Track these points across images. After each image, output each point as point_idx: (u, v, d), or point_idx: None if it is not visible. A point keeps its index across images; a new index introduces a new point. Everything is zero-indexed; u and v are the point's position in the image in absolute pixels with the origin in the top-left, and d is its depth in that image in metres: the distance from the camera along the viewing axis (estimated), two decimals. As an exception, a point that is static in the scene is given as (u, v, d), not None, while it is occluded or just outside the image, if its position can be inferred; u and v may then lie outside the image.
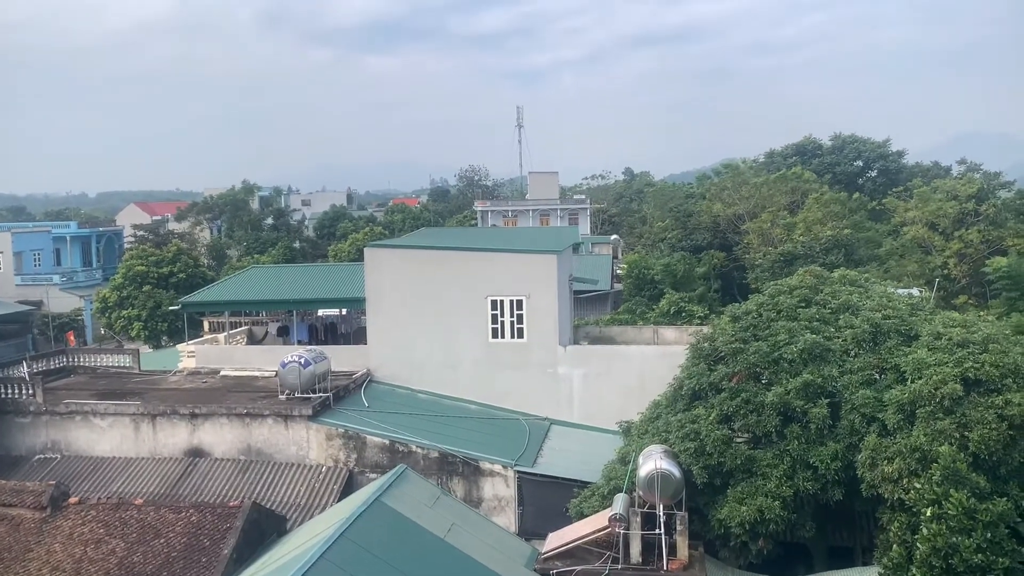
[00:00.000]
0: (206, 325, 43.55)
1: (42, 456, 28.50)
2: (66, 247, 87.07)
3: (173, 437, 27.95)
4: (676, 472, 18.17)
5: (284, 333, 39.88)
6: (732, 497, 18.31)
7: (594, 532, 18.63)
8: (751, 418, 19.03)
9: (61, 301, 72.72)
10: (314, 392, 28.59)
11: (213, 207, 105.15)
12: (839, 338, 19.89)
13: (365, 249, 34.43)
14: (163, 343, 57.83)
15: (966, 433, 16.10)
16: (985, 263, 43.41)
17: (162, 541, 18.80)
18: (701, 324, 35.25)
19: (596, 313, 49.47)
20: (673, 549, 17.97)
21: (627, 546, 18.03)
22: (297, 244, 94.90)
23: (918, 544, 15.24)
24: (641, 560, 17.97)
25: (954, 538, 14.71)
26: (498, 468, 26.32)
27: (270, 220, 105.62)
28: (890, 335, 19.65)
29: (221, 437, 27.68)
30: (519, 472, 26.06)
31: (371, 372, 32.23)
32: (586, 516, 20.25)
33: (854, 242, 55.39)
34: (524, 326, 31.18)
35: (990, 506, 14.78)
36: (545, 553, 18.97)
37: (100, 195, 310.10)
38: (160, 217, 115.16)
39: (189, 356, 35.11)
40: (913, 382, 17.35)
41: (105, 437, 28.34)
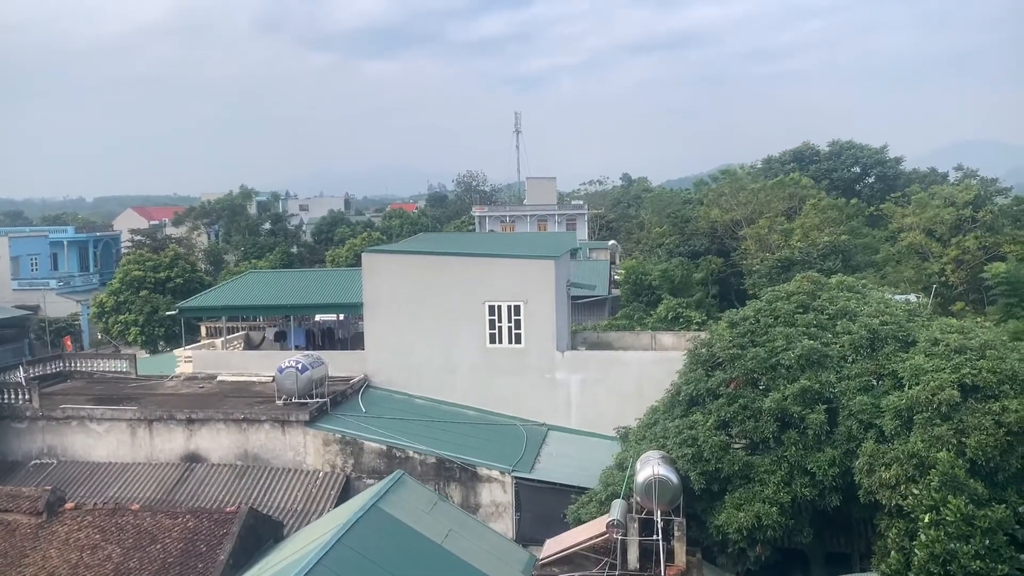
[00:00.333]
0: (203, 330, 43.51)
1: (38, 461, 28.44)
2: (63, 252, 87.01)
3: (170, 442, 27.90)
4: (674, 478, 18.14)
5: (281, 338, 39.86)
6: (730, 503, 18.29)
7: (592, 538, 18.59)
8: (749, 424, 19.01)
9: (58, 306, 72.56)
10: (311, 397, 28.55)
11: (211, 212, 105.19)
12: (837, 344, 19.89)
13: (363, 254, 34.46)
14: (160, 348, 57.74)
15: (963, 439, 16.08)
16: (983, 269, 43.49)
17: (158, 547, 18.75)
18: (699, 330, 35.28)
19: (594, 319, 49.45)
20: (671, 555, 17.92)
21: (625, 552, 17.99)
22: (295, 249, 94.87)
23: (916, 550, 15.24)
24: (639, 566, 17.92)
25: (952, 544, 14.71)
26: (495, 474, 26.29)
27: (268, 225, 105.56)
28: (887, 341, 19.65)
29: (218, 442, 27.64)
30: (516, 478, 26.04)
31: (368, 377, 32.21)
32: (584, 522, 20.21)
33: (851, 248, 55.55)
34: (522, 331, 31.18)
35: (989, 513, 14.78)
36: (543, 559, 18.94)
37: (97, 199, 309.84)
38: (157, 222, 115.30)
39: (186, 361, 35.11)
40: (910, 388, 17.33)
41: (101, 442, 28.29)
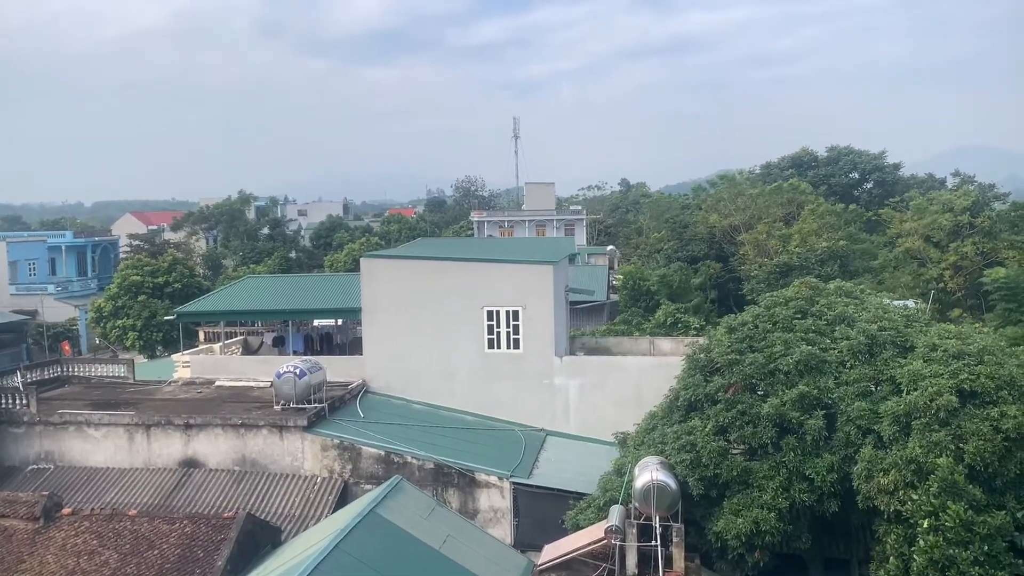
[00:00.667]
0: (201, 335, 43.53)
1: (35, 466, 28.35)
2: (61, 257, 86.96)
3: (167, 448, 27.83)
4: (672, 484, 18.13)
5: (280, 343, 39.82)
6: (728, 509, 18.28)
7: (590, 544, 18.57)
8: (747, 430, 19.01)
9: (56, 311, 72.51)
10: (309, 403, 28.50)
11: (209, 217, 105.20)
12: (835, 350, 19.91)
13: (361, 259, 34.43)
14: (158, 353, 57.67)
15: (962, 445, 16.09)
16: (982, 274, 43.51)
17: (156, 552, 18.70)
18: (697, 335, 35.24)
19: (592, 324, 49.46)
20: (669, 561, 17.90)
21: (623, 558, 17.96)
22: (293, 254, 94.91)
23: (915, 556, 15.24)
24: (637, 572, 17.90)
25: (951, 550, 14.71)
26: (494, 479, 26.25)
27: (266, 230, 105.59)
28: (886, 347, 19.67)
29: (216, 448, 27.58)
30: (515, 483, 25.99)
31: (367, 383, 32.16)
32: (582, 528, 20.19)
33: (849, 254, 55.58)
34: (520, 337, 31.15)
35: (988, 519, 14.78)
36: (541, 565, 18.91)
37: (96, 204, 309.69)
38: (156, 227, 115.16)
39: (184, 366, 35.04)
40: (908, 394, 17.35)
41: (99, 447, 28.22)
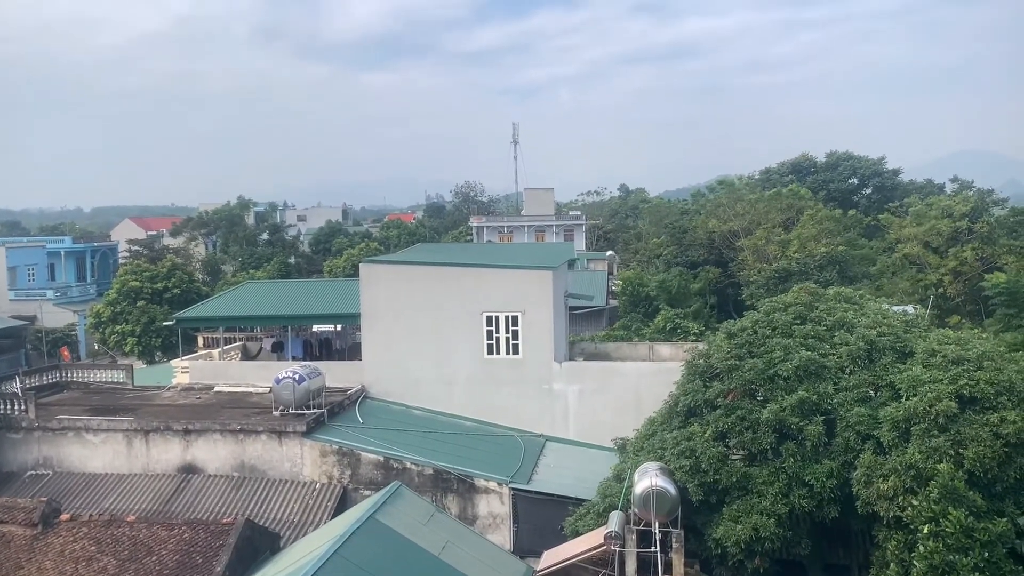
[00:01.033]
0: (200, 341, 43.45)
1: (34, 472, 28.32)
2: (60, 262, 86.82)
3: (166, 453, 27.80)
4: (672, 489, 18.12)
5: (279, 349, 39.79)
6: (727, 515, 18.25)
7: (589, 550, 18.55)
8: (747, 435, 19.00)
9: (55, 316, 72.44)
10: (308, 408, 28.47)
11: (208, 222, 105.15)
12: (834, 355, 19.90)
13: (360, 265, 34.43)
14: (157, 359, 57.60)
15: (961, 451, 16.08)
16: (983, 279, 43.48)
17: (154, 558, 18.64)
18: (697, 341, 35.24)
19: (592, 329, 49.43)
20: (669, 567, 17.88)
21: (623, 564, 17.94)
22: (292, 260, 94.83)
23: (915, 562, 15.21)
24: (637, 578, 17.89)
25: (951, 556, 14.68)
26: (493, 485, 26.21)
27: (265, 235, 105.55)
28: (885, 352, 19.66)
29: (215, 453, 27.54)
30: (514, 489, 25.95)
31: (366, 388, 32.14)
32: (581, 534, 20.16)
33: (848, 259, 55.60)
34: (519, 342, 31.14)
35: (989, 526, 14.75)
36: (540, 571, 18.89)
37: (95, 210, 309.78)
38: (155, 232, 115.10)
39: (183, 372, 35.02)
40: (908, 399, 17.34)
41: (98, 453, 28.18)
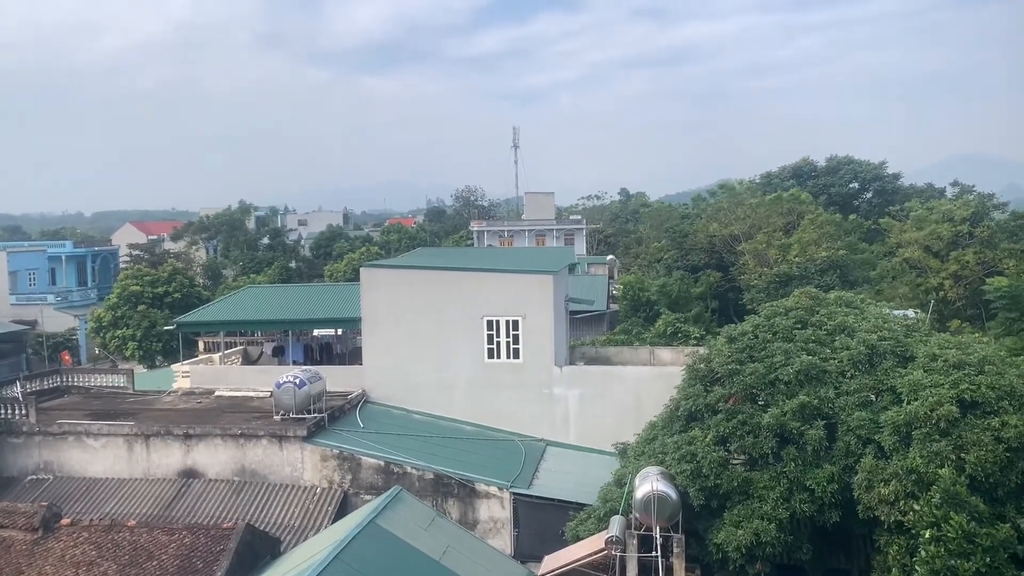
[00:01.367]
0: (201, 345, 43.45)
1: (34, 477, 28.32)
2: (61, 266, 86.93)
3: (167, 458, 27.80)
4: (673, 494, 18.08)
5: (279, 353, 39.80)
6: (729, 520, 18.21)
7: (590, 555, 18.51)
8: (747, 440, 18.97)
9: (56, 320, 72.50)
10: (309, 413, 28.47)
11: (209, 227, 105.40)
12: (835, 360, 19.86)
13: (361, 269, 34.45)
14: (158, 363, 57.63)
15: (963, 455, 16.04)
16: (984, 283, 43.46)
17: (155, 563, 18.63)
18: (697, 345, 35.24)
19: (592, 333, 49.43)
20: (670, 572, 17.84)
21: (623, 569, 17.90)
22: (293, 264, 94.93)
23: (917, 567, 15.18)
24: (638, 583, 17.85)
25: (953, 561, 14.64)
26: (494, 490, 26.19)
27: (266, 240, 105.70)
28: (886, 357, 19.63)
29: (215, 458, 27.53)
30: (515, 494, 25.94)
31: (366, 392, 32.14)
32: (582, 539, 20.13)
33: (849, 263, 55.59)
34: (520, 346, 31.15)
35: (992, 531, 14.71)
36: (541, 576, 18.86)
37: (96, 214, 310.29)
38: (156, 237, 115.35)
39: (184, 376, 35.03)
40: (909, 404, 17.31)
41: (98, 458, 28.18)
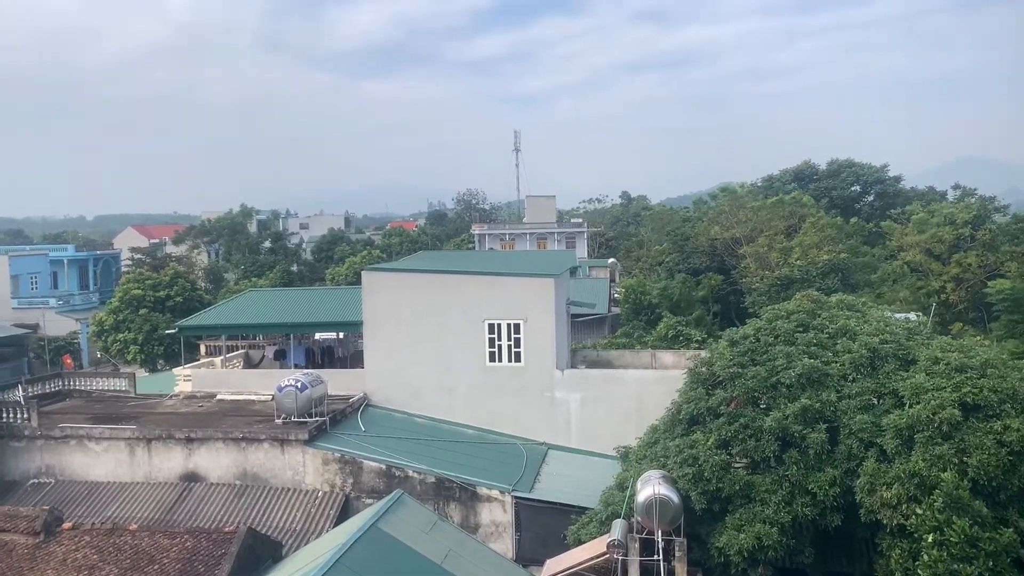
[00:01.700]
0: (203, 349, 43.50)
1: (36, 481, 28.31)
2: (63, 270, 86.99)
3: (168, 462, 27.78)
4: (675, 498, 18.06)
5: (281, 357, 39.79)
6: (730, 524, 18.18)
7: (592, 558, 18.49)
8: (749, 443, 18.94)
9: (57, 324, 72.53)
10: (311, 416, 28.47)
11: (211, 230, 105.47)
12: (837, 363, 19.83)
13: (362, 272, 34.44)
14: (159, 367, 57.63)
15: (965, 459, 16.01)
16: (986, 286, 43.44)
17: (156, 567, 18.61)
18: (699, 348, 35.19)
19: (594, 337, 49.40)
20: (672, 576, 17.83)
21: (625, 573, 17.88)
22: (295, 267, 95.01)
23: (919, 571, 15.15)
24: (639, 587, 17.83)
25: (956, 566, 14.62)
26: (495, 493, 26.16)
27: (268, 243, 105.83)
28: (888, 360, 19.60)
29: (217, 462, 27.52)
30: (516, 498, 25.90)
31: (368, 396, 32.12)
32: (584, 542, 20.10)
33: (851, 266, 55.55)
34: (521, 350, 31.12)
35: (995, 536, 14.67)
36: (543, 580, 18.83)
37: (98, 218, 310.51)
38: (158, 240, 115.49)
39: (185, 380, 35.02)
40: (911, 407, 17.28)
41: (100, 461, 28.17)
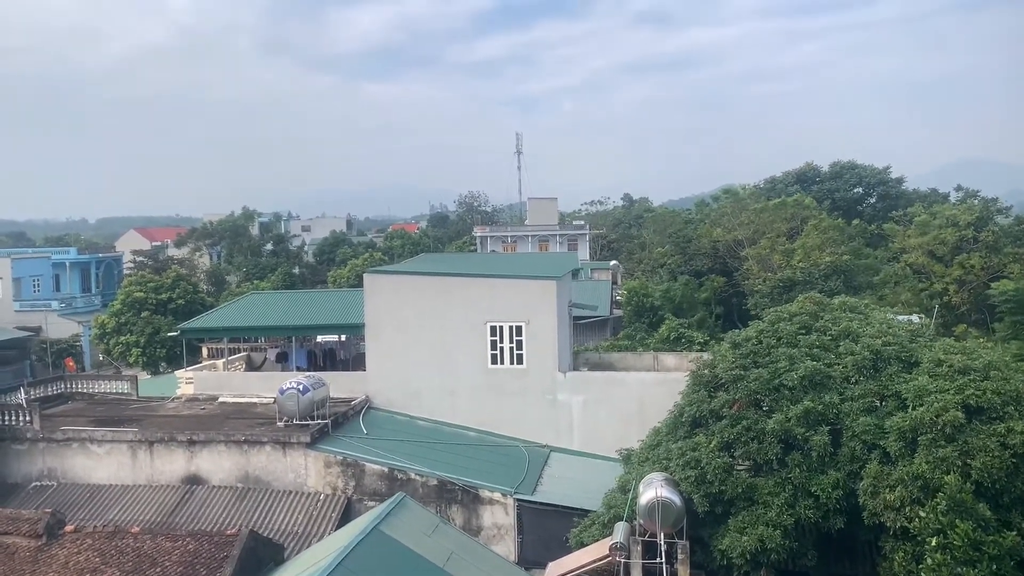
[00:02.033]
0: (205, 351, 43.50)
1: (38, 483, 28.33)
2: (65, 273, 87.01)
3: (170, 464, 27.78)
4: (677, 500, 18.02)
5: (283, 359, 39.79)
6: (733, 526, 18.13)
7: (594, 561, 18.45)
8: (752, 446, 18.89)
9: (60, 327, 72.60)
10: (312, 419, 28.45)
11: (213, 233, 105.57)
12: (839, 365, 19.79)
13: (364, 275, 34.44)
14: (161, 369, 57.62)
15: (968, 461, 15.96)
16: (988, 288, 43.35)
17: (158, 570, 18.57)
18: (701, 350, 35.17)
19: (596, 339, 49.39)
20: (674, 579, 17.77)
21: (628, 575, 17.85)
22: (296, 270, 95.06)
23: (922, 574, 15.10)
24: (642, 590, 17.77)
25: (959, 569, 14.57)
26: (497, 496, 26.13)
27: (269, 246, 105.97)
28: (890, 362, 19.56)
29: (219, 464, 27.51)
30: (519, 500, 25.87)
31: (370, 399, 32.11)
32: (586, 545, 20.05)
33: (853, 269, 55.49)
34: (523, 352, 31.10)
35: (998, 538, 14.63)
36: (545, 583, 18.79)
37: (100, 221, 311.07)
38: (159, 243, 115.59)
39: (187, 382, 35.01)
40: (914, 409, 17.24)
41: (102, 464, 28.18)
